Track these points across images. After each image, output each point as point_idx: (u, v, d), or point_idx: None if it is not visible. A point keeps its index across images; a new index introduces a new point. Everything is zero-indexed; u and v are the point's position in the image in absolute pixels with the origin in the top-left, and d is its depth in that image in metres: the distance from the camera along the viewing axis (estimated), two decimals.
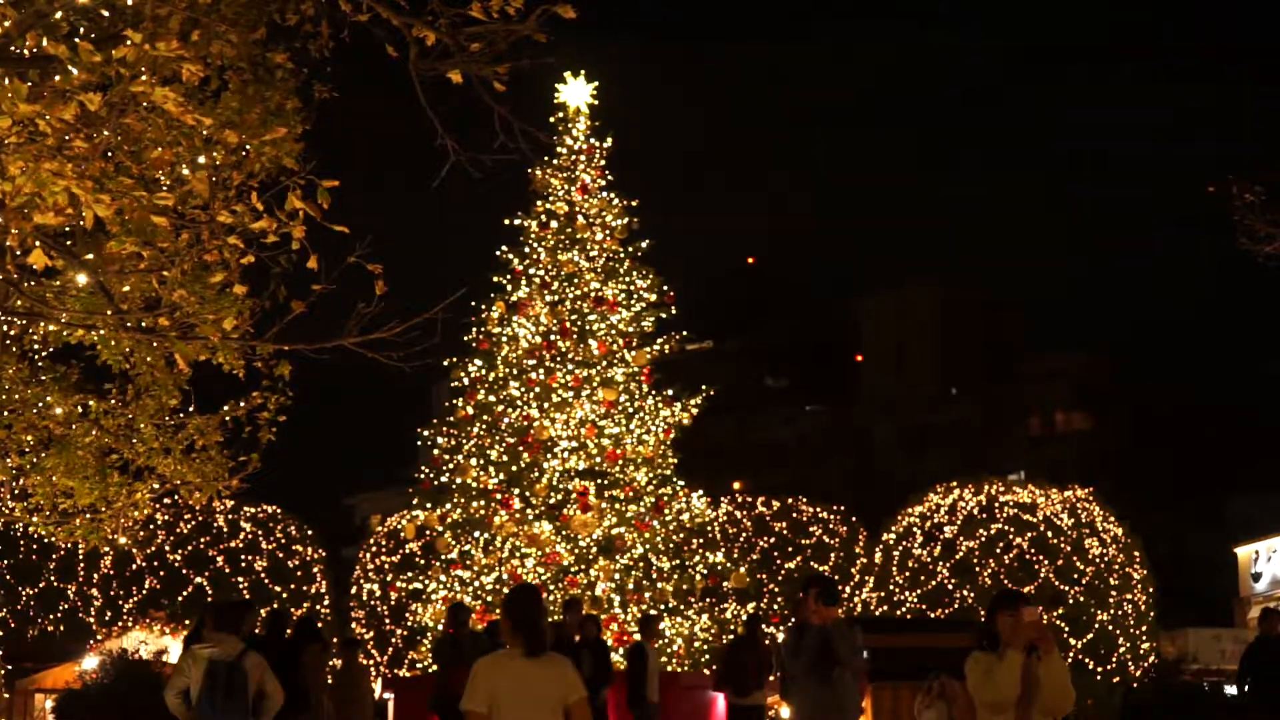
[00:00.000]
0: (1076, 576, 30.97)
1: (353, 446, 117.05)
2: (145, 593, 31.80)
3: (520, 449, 24.26)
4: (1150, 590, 31.93)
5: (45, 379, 13.16)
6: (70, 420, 13.10)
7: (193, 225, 8.94)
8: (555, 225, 25.56)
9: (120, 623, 31.00)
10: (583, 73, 26.04)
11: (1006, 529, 31.51)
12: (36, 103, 7.01)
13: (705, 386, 25.63)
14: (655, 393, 25.42)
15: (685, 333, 26.32)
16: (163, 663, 24.52)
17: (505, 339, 25.04)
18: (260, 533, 32.95)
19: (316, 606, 32.69)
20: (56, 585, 32.00)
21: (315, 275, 8.38)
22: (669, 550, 24.46)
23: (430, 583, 24.37)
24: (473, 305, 24.94)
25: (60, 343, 11.50)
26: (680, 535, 24.76)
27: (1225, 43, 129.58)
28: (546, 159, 25.65)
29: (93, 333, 10.65)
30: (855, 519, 36.33)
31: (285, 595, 31.90)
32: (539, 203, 25.76)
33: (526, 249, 25.50)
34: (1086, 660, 30.13)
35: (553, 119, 25.95)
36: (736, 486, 48.77)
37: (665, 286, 25.70)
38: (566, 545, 23.68)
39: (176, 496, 14.20)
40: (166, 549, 32.03)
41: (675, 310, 25.90)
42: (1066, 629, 30.25)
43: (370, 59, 9.35)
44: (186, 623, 27.52)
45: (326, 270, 8.38)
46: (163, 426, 13.39)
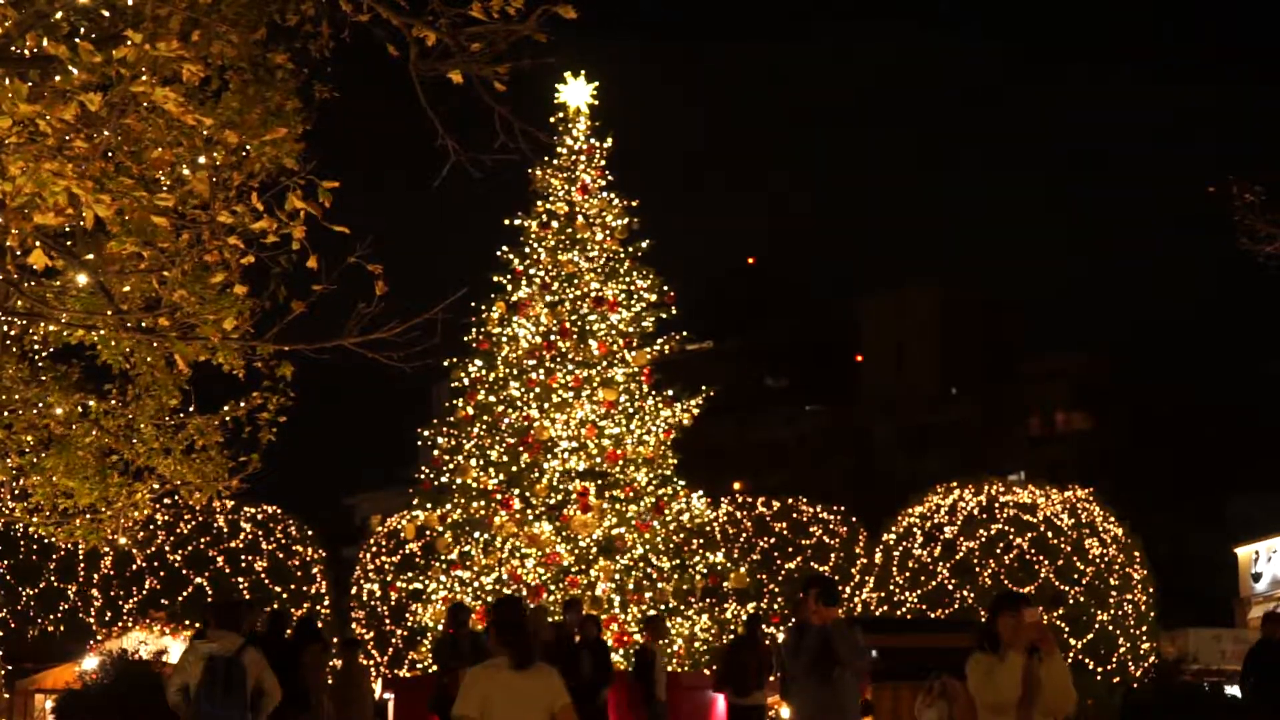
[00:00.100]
0: (1076, 577, 30.95)
1: (353, 446, 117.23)
2: (145, 593, 31.76)
3: (520, 449, 24.26)
4: (1150, 590, 31.91)
5: (45, 379, 13.14)
6: (70, 420, 13.09)
7: (193, 225, 8.93)
8: (555, 225, 25.54)
9: (120, 623, 30.95)
10: (583, 73, 26.03)
11: (1006, 529, 31.48)
12: (37, 103, 7.01)
13: (705, 387, 25.61)
14: (655, 393, 25.40)
15: (685, 333, 26.29)
16: (163, 663, 24.47)
17: (505, 339, 25.03)
18: (260, 533, 32.92)
19: (316, 607, 32.66)
20: (57, 585, 31.97)
21: (315, 275, 8.40)
22: (669, 550, 24.46)
23: (430, 583, 24.37)
24: (473, 305, 24.95)
25: (60, 343, 11.50)
26: (680, 535, 24.75)
27: (1225, 43, 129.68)
28: (547, 159, 25.64)
29: (93, 333, 10.64)
30: (855, 519, 36.30)
31: (285, 595, 31.88)
32: (539, 203, 25.75)
33: (527, 249, 25.49)
34: (1087, 660, 30.11)
35: (553, 119, 25.94)
36: (736, 487, 48.81)
37: (665, 286, 25.68)
38: (567, 545, 23.68)
39: (176, 497, 14.21)
40: (166, 549, 32.01)
41: (675, 310, 25.89)
42: (1067, 629, 30.24)
43: (370, 59, 9.36)
44: (187, 623, 27.58)
45: (327, 270, 8.39)
46: (163, 427, 13.39)
